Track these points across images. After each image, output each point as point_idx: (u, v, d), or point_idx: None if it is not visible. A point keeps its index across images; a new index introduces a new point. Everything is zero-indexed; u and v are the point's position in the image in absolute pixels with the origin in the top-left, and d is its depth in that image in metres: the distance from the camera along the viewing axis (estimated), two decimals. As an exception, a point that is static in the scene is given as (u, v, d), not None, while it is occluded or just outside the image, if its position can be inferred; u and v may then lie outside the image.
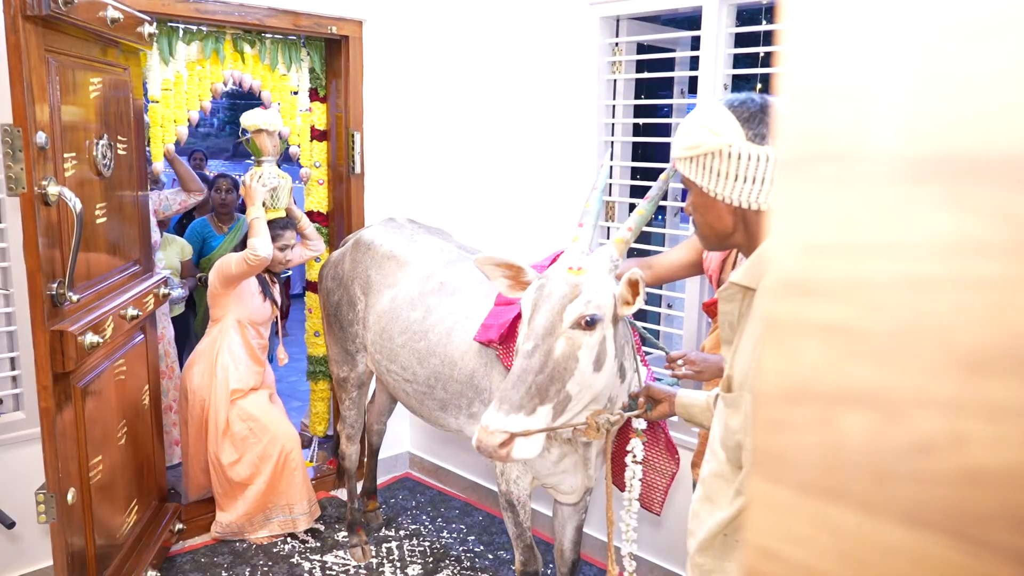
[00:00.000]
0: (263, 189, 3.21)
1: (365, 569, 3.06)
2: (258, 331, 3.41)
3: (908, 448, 0.30)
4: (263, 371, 3.44)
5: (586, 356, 1.75)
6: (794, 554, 0.33)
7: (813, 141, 0.31)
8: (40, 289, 2.14)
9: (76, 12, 2.21)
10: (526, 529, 2.47)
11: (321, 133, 3.58)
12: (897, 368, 0.30)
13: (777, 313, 0.33)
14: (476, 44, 3.39)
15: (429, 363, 2.56)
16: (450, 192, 3.59)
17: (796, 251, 0.32)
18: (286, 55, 3.38)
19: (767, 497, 0.33)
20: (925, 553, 0.29)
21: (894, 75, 0.29)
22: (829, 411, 0.32)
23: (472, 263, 2.75)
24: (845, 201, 0.31)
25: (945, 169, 0.28)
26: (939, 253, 0.29)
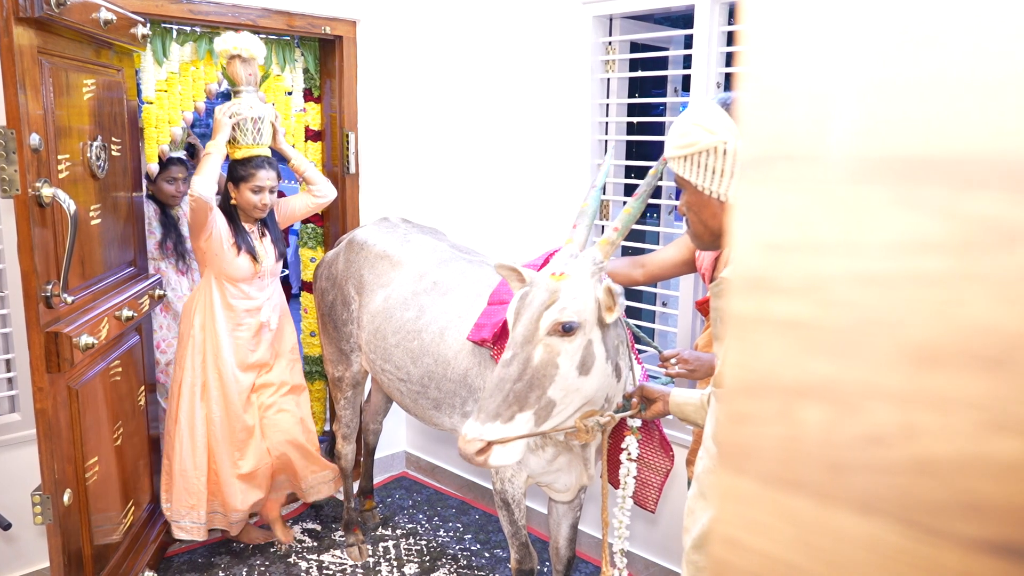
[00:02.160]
0: (229, 121, 2.85)
1: (362, 568, 3.07)
2: (241, 290, 2.99)
3: (862, 439, 0.31)
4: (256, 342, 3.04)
5: (567, 362, 1.76)
6: (757, 544, 0.34)
7: (772, 142, 0.32)
8: (34, 291, 2.15)
9: (69, 14, 2.22)
10: (521, 527, 2.48)
11: (316, 133, 3.58)
12: (851, 362, 0.31)
13: (739, 309, 0.34)
14: (470, 44, 3.40)
15: (423, 362, 2.57)
16: (445, 191, 3.60)
17: (757, 249, 0.33)
18: (280, 55, 3.38)
19: (732, 489, 0.34)
20: (878, 540, 0.30)
21: (847, 78, 0.30)
22: (788, 404, 0.33)
23: (465, 262, 2.78)
24: (802, 201, 0.32)
25: (895, 169, 0.29)
26: (890, 251, 0.30)
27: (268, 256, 3.03)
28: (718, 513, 0.35)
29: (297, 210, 3.18)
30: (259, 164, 2.92)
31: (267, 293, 3.07)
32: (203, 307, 2.96)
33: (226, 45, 2.89)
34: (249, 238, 2.98)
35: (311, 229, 3.72)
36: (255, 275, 2.99)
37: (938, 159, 0.28)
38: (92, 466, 2.46)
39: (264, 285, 3.05)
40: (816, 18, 0.31)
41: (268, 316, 3.06)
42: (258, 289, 3.03)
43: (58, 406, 2.25)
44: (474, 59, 3.38)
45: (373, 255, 2.84)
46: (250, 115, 2.90)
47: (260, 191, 2.92)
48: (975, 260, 0.28)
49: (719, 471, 0.35)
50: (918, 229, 0.29)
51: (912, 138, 0.29)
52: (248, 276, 2.98)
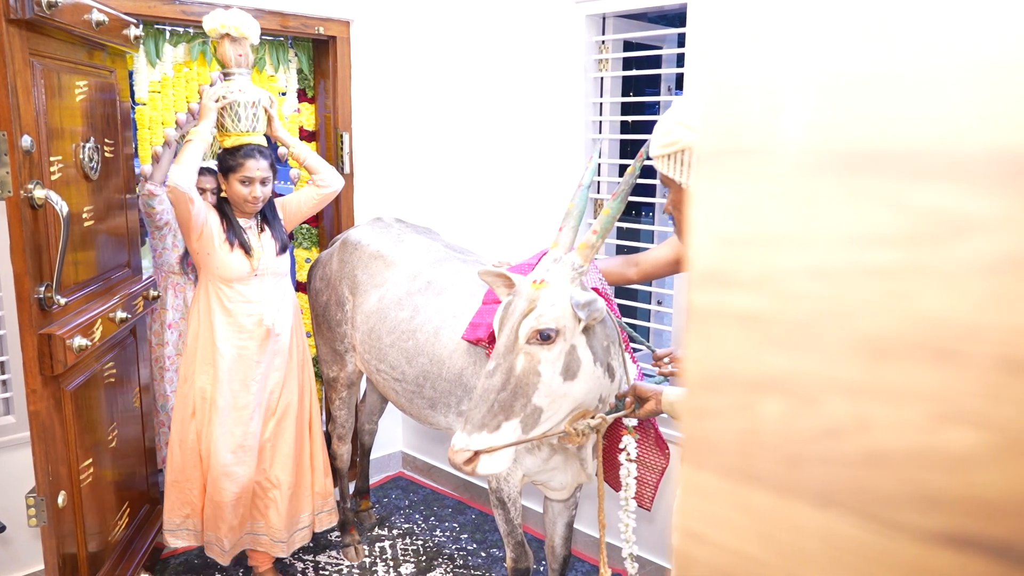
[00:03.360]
0: (215, 106, 2.61)
1: (358, 569, 3.07)
2: (238, 291, 2.71)
3: (819, 432, 0.31)
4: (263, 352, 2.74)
5: (548, 369, 1.77)
6: (718, 536, 0.34)
7: (726, 136, 0.32)
8: (28, 293, 2.15)
9: (60, 15, 2.21)
10: (517, 526, 2.48)
11: (310, 134, 3.58)
12: (807, 355, 0.31)
13: (698, 303, 0.34)
14: (463, 43, 3.40)
15: (417, 362, 2.57)
16: (439, 191, 3.60)
17: (714, 243, 0.33)
18: (274, 56, 3.38)
19: (693, 482, 0.34)
20: (834, 533, 0.30)
21: (799, 71, 0.30)
22: (747, 397, 0.33)
23: (459, 262, 2.78)
24: (757, 194, 0.32)
25: (845, 162, 0.29)
26: (841, 243, 0.30)
27: (267, 252, 2.76)
28: (680, 507, 0.35)
29: (304, 204, 2.88)
30: (248, 153, 2.65)
31: (268, 294, 2.77)
32: (197, 314, 2.76)
33: (214, 24, 2.64)
34: (243, 233, 2.73)
35: (306, 229, 3.72)
36: (251, 273, 2.72)
37: (888, 151, 0.28)
38: (87, 468, 2.46)
39: (264, 285, 2.76)
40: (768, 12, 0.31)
41: (272, 320, 2.75)
42: (257, 290, 2.75)
43: (52, 408, 2.25)
44: (467, 59, 3.38)
45: (367, 255, 2.84)
46: (240, 99, 2.65)
47: (250, 183, 2.65)
48: (924, 252, 0.28)
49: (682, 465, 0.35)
50: (868, 221, 0.29)
51: (862, 131, 0.29)
52: (244, 275, 2.71)
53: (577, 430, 1.87)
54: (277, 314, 2.77)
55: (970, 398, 0.27)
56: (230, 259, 2.69)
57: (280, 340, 2.79)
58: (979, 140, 0.27)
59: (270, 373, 2.80)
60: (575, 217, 1.91)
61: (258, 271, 2.73)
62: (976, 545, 0.27)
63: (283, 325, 2.79)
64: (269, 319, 2.74)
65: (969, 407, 0.27)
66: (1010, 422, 0.26)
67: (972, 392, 0.27)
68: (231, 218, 2.72)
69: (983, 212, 0.27)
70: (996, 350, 0.27)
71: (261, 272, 2.74)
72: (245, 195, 2.67)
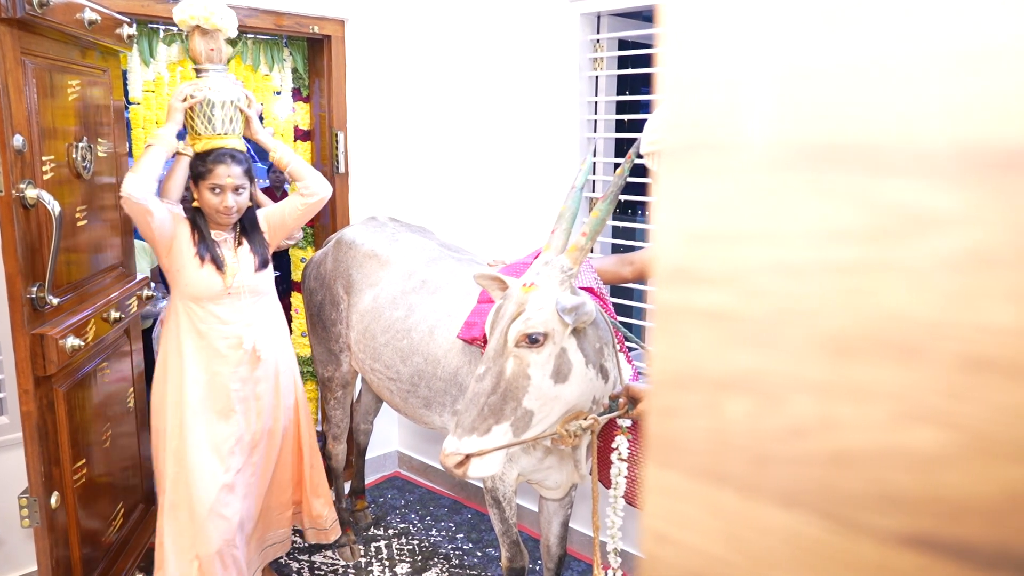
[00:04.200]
0: (181, 106, 2.37)
1: (354, 568, 3.06)
2: (211, 312, 2.43)
3: (785, 431, 0.30)
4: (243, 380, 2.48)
5: (538, 373, 1.78)
6: (685, 537, 0.33)
7: (692, 130, 0.32)
8: (20, 293, 2.14)
9: (52, 14, 2.21)
10: (512, 525, 2.48)
11: (305, 133, 3.58)
12: (773, 353, 0.30)
13: (665, 300, 0.33)
14: (458, 42, 3.39)
15: (412, 361, 2.56)
16: (434, 190, 3.60)
17: (680, 239, 0.32)
18: (268, 55, 3.37)
19: (660, 482, 0.34)
20: (799, 533, 0.30)
21: (763, 64, 0.30)
22: (714, 396, 0.32)
23: (454, 261, 2.77)
24: (722, 189, 0.31)
25: (811, 156, 0.29)
26: (806, 239, 0.29)
27: (243, 268, 2.48)
28: (647, 507, 0.35)
29: (288, 215, 2.61)
30: (219, 158, 2.39)
31: (244, 314, 2.48)
32: (167, 338, 2.50)
33: (183, 14, 2.40)
34: (216, 247, 2.46)
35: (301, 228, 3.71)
36: (224, 291, 2.44)
37: (852, 146, 0.28)
38: (80, 468, 2.45)
39: (240, 304, 2.48)
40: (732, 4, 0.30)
41: (253, 342, 2.47)
42: (232, 310, 2.46)
43: (44, 408, 2.25)
44: (462, 57, 3.38)
45: (361, 254, 2.83)
46: (212, 98, 2.40)
47: (221, 191, 2.38)
48: (889, 248, 0.27)
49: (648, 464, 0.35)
50: (833, 217, 0.28)
51: (827, 125, 0.28)
52: (216, 293, 2.43)
53: (569, 432, 1.86)
54: (258, 336, 2.50)
55: (934, 397, 0.27)
56: (200, 276, 2.42)
57: (265, 364, 2.53)
58: (944, 134, 0.26)
59: (251, 401, 2.53)
60: (567, 219, 1.91)
61: (232, 289, 2.45)
62: (939, 546, 0.26)
63: (267, 348, 2.53)
64: (249, 342, 2.47)
65: (933, 406, 0.27)
66: (973, 421, 0.26)
67: (936, 391, 0.27)
68: (203, 230, 2.46)
69: (947, 207, 0.26)
70: (960, 348, 0.26)
71: (236, 290, 2.46)
72: (216, 205, 2.39)
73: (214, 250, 2.45)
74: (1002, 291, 0.25)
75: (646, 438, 1.32)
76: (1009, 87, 0.25)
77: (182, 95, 2.40)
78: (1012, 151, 0.25)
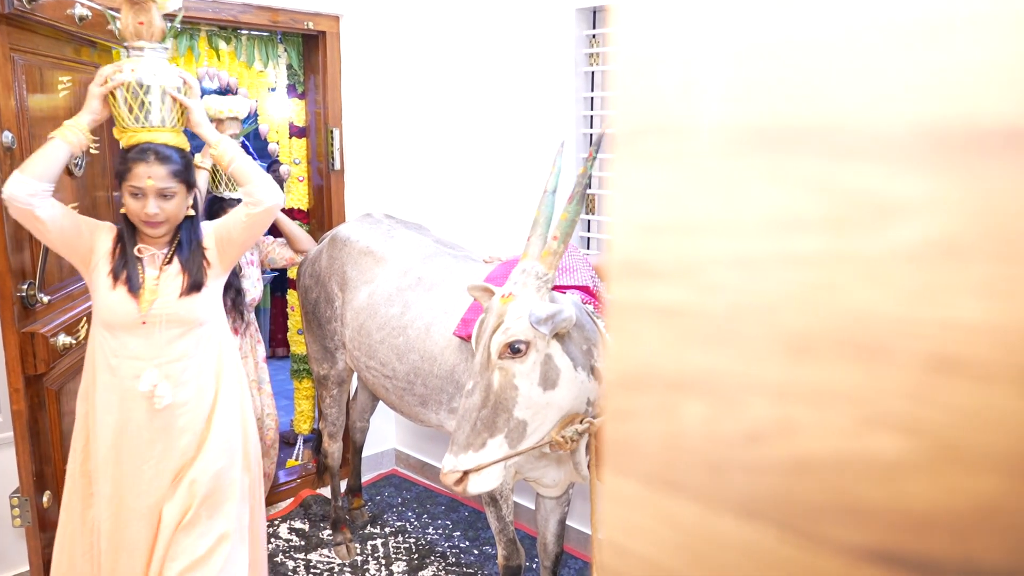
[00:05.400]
0: (97, 91, 1.96)
1: (350, 567, 3.05)
2: (123, 343, 1.98)
3: (741, 437, 0.28)
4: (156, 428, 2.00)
5: (525, 382, 1.77)
6: (640, 549, 0.31)
7: (643, 114, 0.29)
8: (9, 291, 2.13)
9: (42, 10, 2.19)
10: (509, 523, 2.46)
11: (300, 130, 3.55)
12: (728, 352, 0.28)
13: (618, 296, 0.31)
14: (453, 38, 3.37)
15: (408, 359, 2.54)
16: (430, 186, 3.57)
17: (634, 230, 0.30)
18: (263, 51, 3.35)
19: (615, 491, 0.32)
20: (756, 546, 0.28)
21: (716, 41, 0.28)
22: (669, 398, 0.30)
23: (450, 257, 2.75)
24: (675, 177, 0.29)
25: (766, 140, 0.27)
26: (763, 229, 0.27)
27: (164, 292, 2.00)
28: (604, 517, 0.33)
29: (232, 229, 2.09)
30: (140, 155, 1.96)
31: (163, 350, 1.98)
32: (85, 369, 2.08)
33: None
34: (137, 265, 2.00)
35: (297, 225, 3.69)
36: (138, 319, 1.96)
37: (809, 128, 0.26)
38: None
39: (159, 338, 1.98)
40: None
41: (153, 384, 1.97)
42: (147, 344, 1.98)
43: (35, 407, 2.23)
44: (458, 53, 3.35)
45: (356, 251, 2.81)
46: (134, 81, 1.97)
47: (141, 195, 1.96)
48: (848, 239, 0.25)
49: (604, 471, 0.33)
50: (790, 206, 0.26)
51: (783, 106, 0.26)
52: (129, 321, 1.97)
53: (565, 437, 1.85)
54: (171, 377, 2.00)
55: (897, 400, 0.24)
56: (111, 300, 1.97)
57: (183, 416, 2.02)
58: (906, 113, 0.24)
59: (168, 458, 2.03)
60: (542, 224, 1.88)
61: (147, 317, 1.97)
62: (903, 562, 0.24)
63: (187, 396, 2.02)
64: (147, 382, 1.97)
65: (896, 410, 0.24)
66: (939, 427, 0.24)
67: (899, 393, 0.24)
68: (126, 244, 2.02)
69: (911, 193, 0.24)
70: (925, 347, 0.24)
71: (153, 319, 1.97)
72: (137, 212, 1.97)
73: (131, 269, 1.99)
74: (970, 285, 0.23)
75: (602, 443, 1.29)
76: (976, 60, 0.23)
77: (102, 78, 1.98)
78: (980, 131, 0.23)
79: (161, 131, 2.02)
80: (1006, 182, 0.23)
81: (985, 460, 0.23)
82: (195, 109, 2.05)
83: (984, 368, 0.23)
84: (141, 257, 2.03)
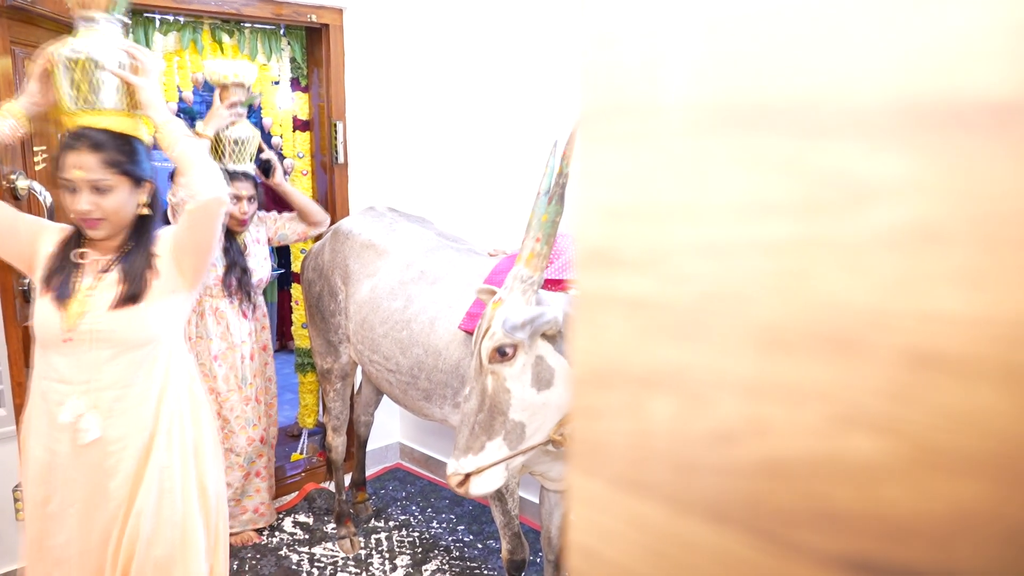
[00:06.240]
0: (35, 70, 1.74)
1: (354, 560, 3.05)
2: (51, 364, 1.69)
3: (710, 436, 0.26)
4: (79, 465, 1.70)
5: (517, 384, 1.78)
6: (608, 552, 0.29)
7: (609, 93, 0.28)
8: (11, 285, 2.13)
9: (42, 3, 2.18)
10: (514, 517, 2.45)
11: (304, 123, 3.54)
12: (697, 346, 0.26)
13: (585, 287, 0.29)
14: (457, 31, 3.34)
15: (412, 353, 2.53)
16: (434, 180, 3.56)
17: (599, 217, 0.29)
18: (266, 45, 3.34)
19: (584, 491, 0.30)
20: (727, 552, 0.26)
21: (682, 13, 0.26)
22: (637, 395, 0.28)
23: (453, 251, 2.73)
24: (642, 159, 0.27)
25: (735, 119, 0.25)
26: (732, 214, 0.25)
27: (94, 304, 1.68)
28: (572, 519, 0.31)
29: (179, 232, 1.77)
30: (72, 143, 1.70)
31: (92, 373, 1.67)
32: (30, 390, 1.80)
33: None
34: (70, 269, 1.71)
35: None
36: (61, 335, 1.66)
37: (782, 105, 0.24)
38: (76, 461, 2.43)
39: (88, 358, 1.67)
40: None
41: (76, 415, 1.66)
42: (75, 365, 1.67)
43: (38, 401, 2.23)
44: (462, 46, 3.33)
45: (358, 244, 2.80)
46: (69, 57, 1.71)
47: (73, 190, 1.69)
48: (821, 224, 0.23)
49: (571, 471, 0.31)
50: (760, 188, 0.24)
51: (754, 82, 0.24)
52: (52, 337, 1.67)
53: (565, 436, 1.85)
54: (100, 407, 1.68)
55: (873, 399, 0.23)
56: (38, 309, 1.71)
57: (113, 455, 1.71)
58: (883, 89, 0.22)
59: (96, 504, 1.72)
60: (536, 228, 1.85)
61: (73, 333, 1.66)
62: (880, 571, 0.23)
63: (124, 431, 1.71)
64: (70, 412, 1.67)
65: (872, 409, 0.23)
66: (918, 427, 0.22)
67: (875, 391, 0.23)
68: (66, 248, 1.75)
69: (888, 175, 0.22)
70: (902, 341, 0.22)
71: (80, 336, 1.66)
72: (69, 208, 1.71)
73: (64, 275, 1.70)
74: (951, 273, 0.21)
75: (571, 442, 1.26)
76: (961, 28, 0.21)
77: (44, 56, 1.73)
78: (964, 106, 0.21)
79: (100, 114, 1.72)
80: (991, 161, 0.21)
81: (967, 464, 0.21)
82: (144, 88, 1.72)
83: (966, 364, 0.21)
84: (82, 263, 1.72)
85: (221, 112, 2.63)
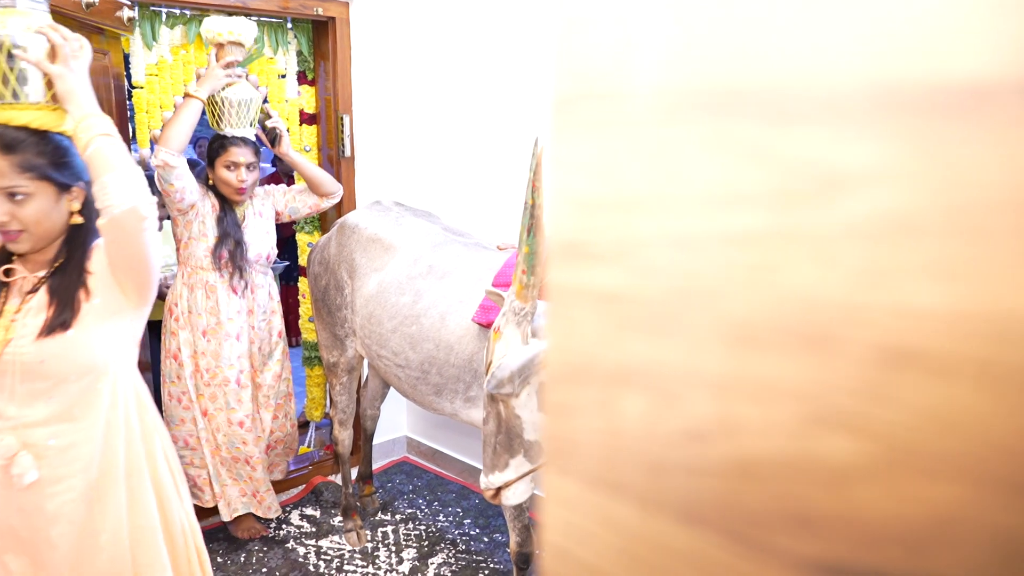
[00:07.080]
0: None
1: (360, 553, 3.05)
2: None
3: (683, 435, 0.25)
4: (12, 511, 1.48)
5: (526, 411, 1.86)
6: (581, 553, 0.29)
7: (578, 79, 0.27)
8: (18, 278, 2.13)
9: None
10: (524, 510, 2.45)
11: (310, 117, 3.54)
12: (668, 341, 0.25)
13: (557, 280, 0.29)
14: (464, 24, 3.33)
15: (423, 348, 2.53)
16: (441, 174, 3.55)
17: (570, 208, 0.28)
18: (272, 38, 3.33)
19: (557, 491, 0.29)
20: (700, 554, 0.25)
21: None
22: (608, 392, 0.27)
23: (460, 245, 2.73)
24: (613, 147, 0.26)
25: (706, 105, 0.24)
26: (702, 205, 0.24)
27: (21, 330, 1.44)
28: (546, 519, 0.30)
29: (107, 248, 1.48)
30: None
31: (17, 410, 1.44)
32: None
33: None
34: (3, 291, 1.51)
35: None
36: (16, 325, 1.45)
37: (752, 90, 0.23)
38: (84, 453, 2.44)
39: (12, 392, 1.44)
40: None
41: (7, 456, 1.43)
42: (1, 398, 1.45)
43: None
44: (469, 39, 3.31)
45: (365, 238, 2.80)
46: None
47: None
48: (792, 214, 0.22)
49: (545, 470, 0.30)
50: (731, 177, 0.23)
51: (724, 66, 0.23)
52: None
53: None
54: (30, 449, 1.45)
55: (847, 398, 0.22)
56: None
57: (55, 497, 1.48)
58: (857, 72, 0.21)
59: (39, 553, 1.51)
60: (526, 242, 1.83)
61: None
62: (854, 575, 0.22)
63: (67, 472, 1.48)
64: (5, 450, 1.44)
65: (845, 409, 0.22)
66: (893, 428, 0.21)
67: (849, 390, 0.22)
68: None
69: (862, 163, 0.21)
70: (876, 337, 0.21)
71: (3, 367, 1.43)
72: None
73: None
74: (926, 265, 0.20)
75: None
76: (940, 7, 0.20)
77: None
78: (943, 90, 0.20)
79: (23, 108, 1.46)
80: (971, 148, 0.20)
81: (943, 466, 0.20)
82: (62, 76, 1.44)
83: (942, 361, 0.20)
84: (8, 281, 1.49)
85: (216, 73, 2.46)
